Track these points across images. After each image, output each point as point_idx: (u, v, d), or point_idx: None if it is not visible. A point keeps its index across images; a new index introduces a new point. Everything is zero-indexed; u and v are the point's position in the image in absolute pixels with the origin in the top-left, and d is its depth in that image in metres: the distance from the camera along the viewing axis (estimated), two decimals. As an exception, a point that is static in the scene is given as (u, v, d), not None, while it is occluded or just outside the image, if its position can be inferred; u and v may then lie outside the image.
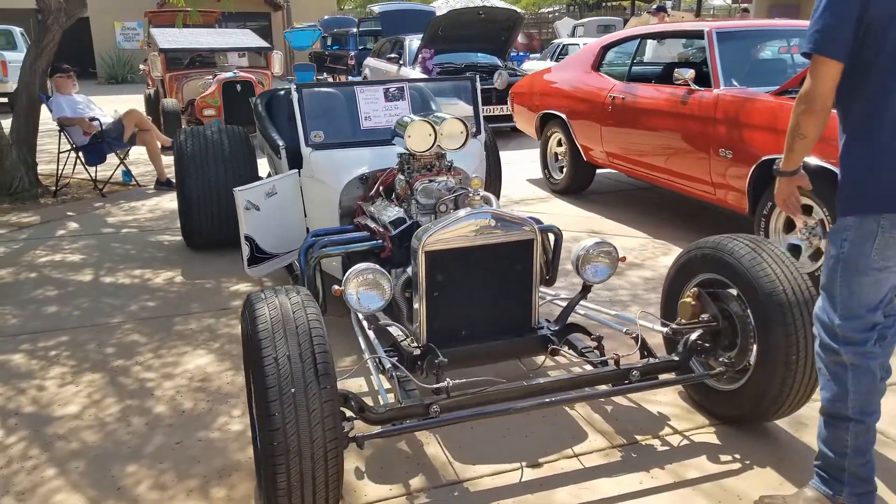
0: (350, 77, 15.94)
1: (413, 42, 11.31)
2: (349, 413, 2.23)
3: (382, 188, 3.50)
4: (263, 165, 5.29)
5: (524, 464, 2.58)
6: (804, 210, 4.12)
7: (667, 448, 2.67)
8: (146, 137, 7.25)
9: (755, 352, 2.57)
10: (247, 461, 2.61)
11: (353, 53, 16.57)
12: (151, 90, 11.46)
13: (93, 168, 7.16)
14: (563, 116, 6.50)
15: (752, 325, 2.57)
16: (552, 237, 3.28)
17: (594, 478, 2.50)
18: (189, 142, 4.84)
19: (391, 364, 2.55)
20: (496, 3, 18.12)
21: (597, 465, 2.57)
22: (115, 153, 7.31)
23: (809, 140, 2.11)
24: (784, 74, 4.85)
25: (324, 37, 19.38)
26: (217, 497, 2.44)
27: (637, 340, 2.73)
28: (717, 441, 2.71)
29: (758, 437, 2.72)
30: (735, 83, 4.79)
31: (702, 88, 4.90)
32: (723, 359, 2.70)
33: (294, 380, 1.97)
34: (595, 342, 2.79)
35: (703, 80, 4.96)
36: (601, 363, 2.70)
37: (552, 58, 14.44)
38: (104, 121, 7.12)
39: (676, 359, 2.67)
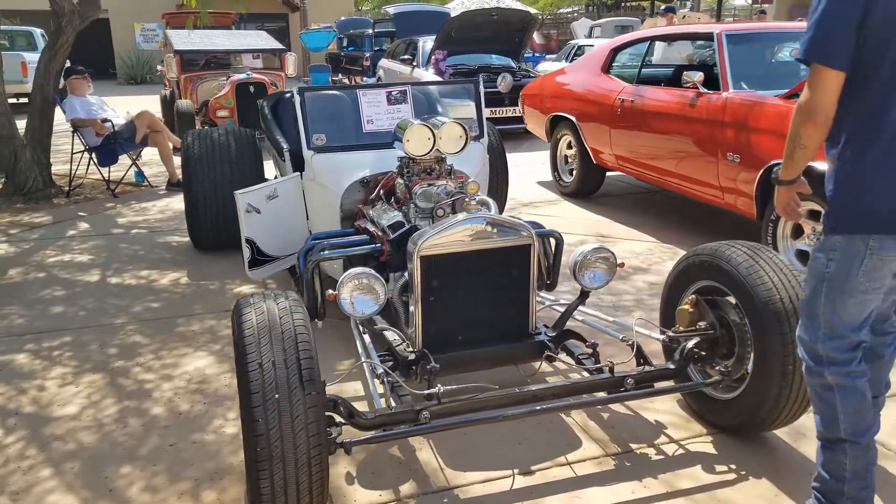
0: (365, 78, 15.96)
1: (426, 43, 11.29)
2: (338, 418, 2.23)
3: (383, 192, 3.50)
4: (271, 168, 5.31)
5: (516, 471, 2.56)
6: (813, 216, 4.07)
7: (662, 457, 2.64)
8: (158, 139, 7.32)
9: (752, 361, 2.54)
10: (238, 464, 2.61)
11: (369, 55, 16.58)
12: (167, 91, 11.56)
13: (105, 169, 7.23)
14: (573, 119, 6.47)
15: (749, 334, 2.53)
16: (553, 242, 3.26)
17: (586, 486, 2.47)
18: (196, 144, 4.87)
19: (383, 369, 2.55)
20: (512, 4, 18.06)
21: (589, 474, 2.54)
22: (128, 154, 7.38)
23: (810, 150, 1.99)
24: (795, 77, 4.79)
25: (339, 38, 19.42)
26: (207, 500, 2.44)
27: (633, 348, 2.71)
28: (714, 451, 2.67)
29: (755, 447, 2.68)
30: (744, 86, 4.74)
31: (710, 91, 4.85)
32: (720, 367, 2.66)
33: (278, 386, 1.97)
34: (590, 349, 2.76)
35: (713, 83, 4.91)
36: (596, 370, 2.68)
37: (567, 59, 14.35)
38: (116, 122, 7.19)
39: (672, 367, 2.65)
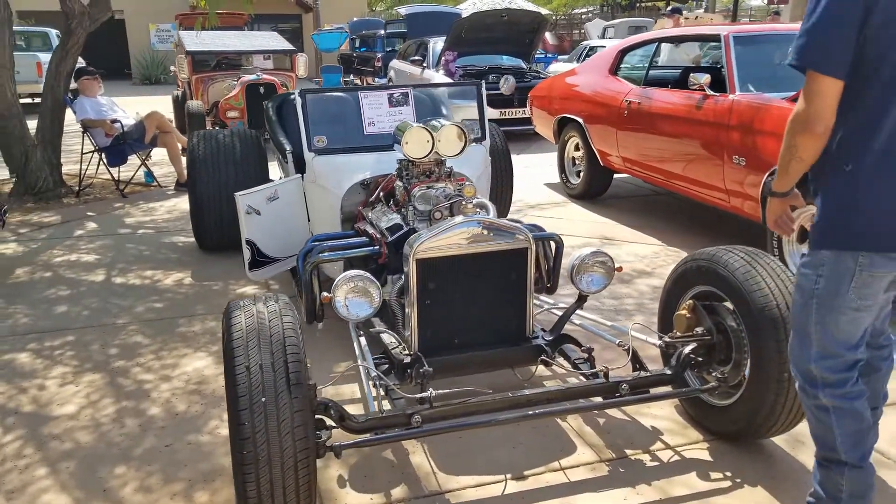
0: (377, 79, 15.99)
1: (437, 44, 11.29)
2: (329, 422, 2.23)
3: (383, 194, 3.50)
4: (276, 169, 5.33)
5: (509, 476, 2.54)
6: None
7: (657, 463, 2.62)
8: (167, 139, 7.36)
9: (748, 367, 2.51)
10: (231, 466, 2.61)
11: (380, 55, 16.61)
12: (179, 92, 11.63)
13: (115, 169, 7.29)
14: (580, 120, 6.44)
15: (746, 340, 2.50)
16: (553, 245, 3.25)
17: (578, 492, 2.45)
18: (201, 145, 4.89)
19: (376, 373, 2.54)
20: (523, 5, 18.02)
21: (583, 480, 2.52)
22: (137, 154, 7.43)
23: (808, 163, 1.88)
24: (802, 80, 4.70)
25: (352, 39, 19.47)
26: (199, 501, 2.45)
27: (629, 353, 2.68)
28: (709, 457, 2.64)
29: (752, 455, 2.65)
30: (751, 88, 4.70)
31: (717, 94, 4.81)
32: (717, 373, 2.63)
33: (265, 389, 1.97)
34: (586, 353, 2.74)
35: (720, 85, 4.87)
36: (592, 375, 2.66)
37: (579, 60, 14.30)
38: (126, 123, 7.24)
39: (669, 372, 2.62)
